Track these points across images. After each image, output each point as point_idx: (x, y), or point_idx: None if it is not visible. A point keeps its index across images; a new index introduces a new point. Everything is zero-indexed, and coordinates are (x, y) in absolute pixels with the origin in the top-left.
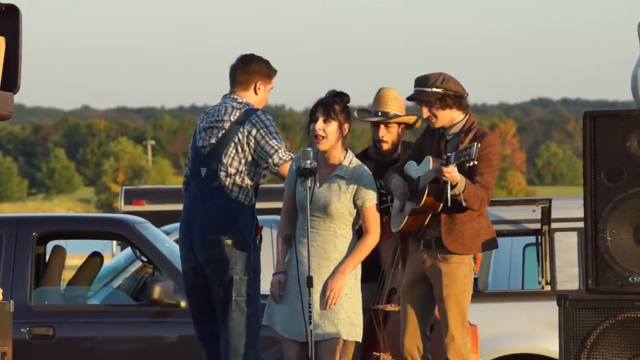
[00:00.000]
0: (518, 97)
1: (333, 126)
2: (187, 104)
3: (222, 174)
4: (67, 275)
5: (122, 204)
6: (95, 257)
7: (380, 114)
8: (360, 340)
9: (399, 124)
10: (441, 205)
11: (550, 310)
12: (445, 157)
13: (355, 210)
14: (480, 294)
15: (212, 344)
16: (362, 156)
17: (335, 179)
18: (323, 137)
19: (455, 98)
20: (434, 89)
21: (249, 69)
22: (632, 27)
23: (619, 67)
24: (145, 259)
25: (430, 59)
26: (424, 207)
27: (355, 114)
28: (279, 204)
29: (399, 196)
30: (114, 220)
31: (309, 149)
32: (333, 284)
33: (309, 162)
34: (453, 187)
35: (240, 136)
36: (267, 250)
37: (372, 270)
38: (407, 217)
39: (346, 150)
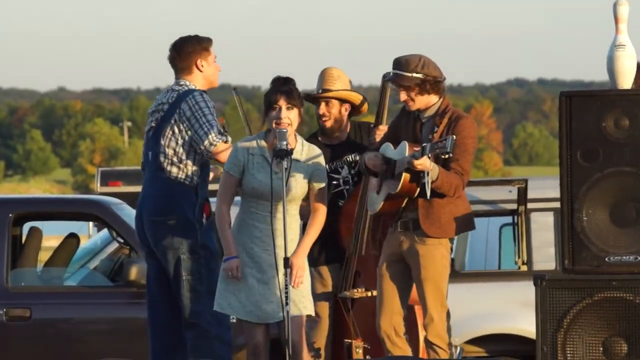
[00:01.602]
0: (494, 77)
1: (294, 113)
2: (163, 85)
3: (162, 156)
4: (44, 256)
5: (99, 185)
6: (72, 239)
7: (321, 91)
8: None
9: (341, 102)
10: (418, 190)
11: (527, 290)
12: (421, 147)
13: (307, 191)
14: (456, 274)
15: (160, 333)
16: (310, 140)
17: (292, 163)
18: (289, 125)
19: (435, 83)
20: (414, 74)
21: (183, 53)
22: (608, 7)
23: (595, 47)
24: (121, 240)
25: (406, 40)
26: (400, 192)
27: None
28: None
29: (376, 166)
30: (91, 202)
31: (285, 130)
32: (298, 262)
33: (284, 142)
34: (427, 175)
35: (177, 117)
36: None
37: (335, 253)
38: (383, 202)
39: (295, 134)
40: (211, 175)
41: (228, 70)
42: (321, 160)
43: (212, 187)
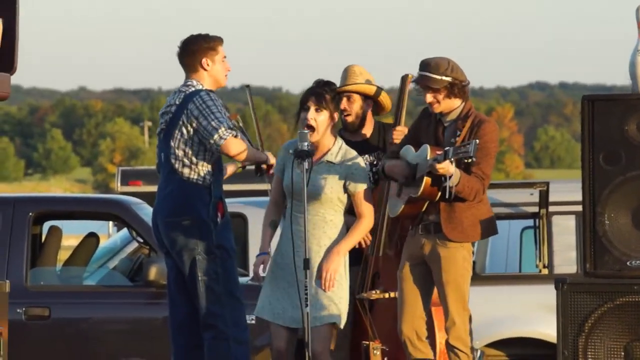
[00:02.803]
0: (516, 80)
1: (324, 115)
2: None
3: (172, 157)
4: (63, 255)
5: (119, 184)
6: (91, 238)
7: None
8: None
9: (364, 98)
10: (439, 194)
11: (548, 294)
12: (444, 151)
13: (346, 195)
14: (477, 277)
15: (181, 334)
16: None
17: (325, 165)
18: (313, 129)
19: (461, 87)
20: (444, 77)
21: (189, 51)
22: (630, 10)
23: (617, 50)
24: (141, 240)
25: (429, 42)
26: (421, 196)
27: None
28: None
29: (398, 173)
30: (111, 201)
31: (306, 131)
32: (328, 265)
33: (306, 144)
34: (448, 179)
35: (185, 118)
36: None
37: (354, 255)
38: (404, 205)
39: (335, 137)
40: (229, 170)
41: (247, 70)
42: (358, 162)
43: (227, 186)
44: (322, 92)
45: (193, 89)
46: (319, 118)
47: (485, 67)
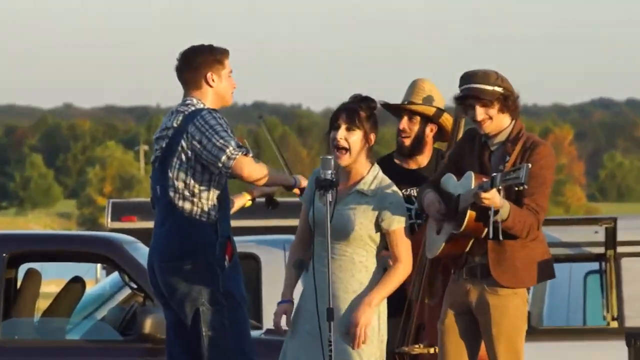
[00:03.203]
0: (576, 97)
1: (357, 135)
2: None
3: (171, 190)
4: (43, 304)
5: (109, 220)
6: (76, 284)
7: (407, 103)
8: None
9: (428, 120)
10: (485, 230)
11: (617, 351)
12: (490, 178)
13: (379, 234)
14: (534, 330)
15: None
16: (384, 160)
17: (355, 196)
18: (345, 150)
19: (514, 101)
20: (496, 88)
21: (192, 64)
22: None
23: None
24: (135, 286)
25: (472, 52)
26: (465, 232)
27: (379, 104)
28: (293, 222)
29: (434, 214)
30: (99, 240)
31: (330, 157)
32: (358, 318)
33: (329, 172)
34: (496, 212)
35: (184, 143)
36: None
37: (395, 303)
38: (444, 243)
39: (372, 164)
40: (236, 204)
41: (261, 85)
42: (395, 193)
43: (235, 222)
44: (356, 108)
45: (193, 108)
46: (351, 138)
47: (539, 80)
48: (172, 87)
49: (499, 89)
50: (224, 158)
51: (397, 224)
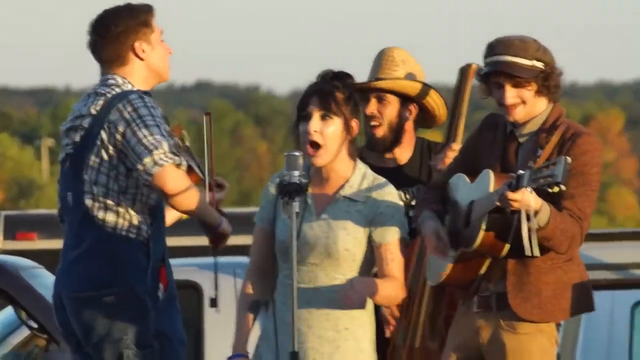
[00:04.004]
0: (626, 73)
1: (335, 125)
2: None
3: (88, 197)
4: None
5: (1, 238)
6: None
7: (373, 80)
8: None
9: (404, 100)
10: (506, 247)
11: None
12: (516, 175)
13: (371, 249)
14: None
15: None
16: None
17: (342, 205)
18: (320, 146)
19: (557, 79)
20: (536, 63)
21: (111, 35)
22: None
23: None
24: (35, 325)
25: (496, 17)
26: (479, 250)
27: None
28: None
29: (433, 249)
30: None
31: (297, 153)
32: (355, 286)
33: (296, 173)
34: (528, 217)
35: (105, 135)
36: (230, 312)
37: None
38: (451, 265)
39: (354, 160)
40: (169, 217)
41: (207, 59)
42: (391, 196)
43: (171, 241)
44: (331, 90)
45: (118, 89)
46: (327, 130)
47: (580, 53)
48: (85, 62)
49: (540, 64)
50: (147, 160)
51: (390, 235)
